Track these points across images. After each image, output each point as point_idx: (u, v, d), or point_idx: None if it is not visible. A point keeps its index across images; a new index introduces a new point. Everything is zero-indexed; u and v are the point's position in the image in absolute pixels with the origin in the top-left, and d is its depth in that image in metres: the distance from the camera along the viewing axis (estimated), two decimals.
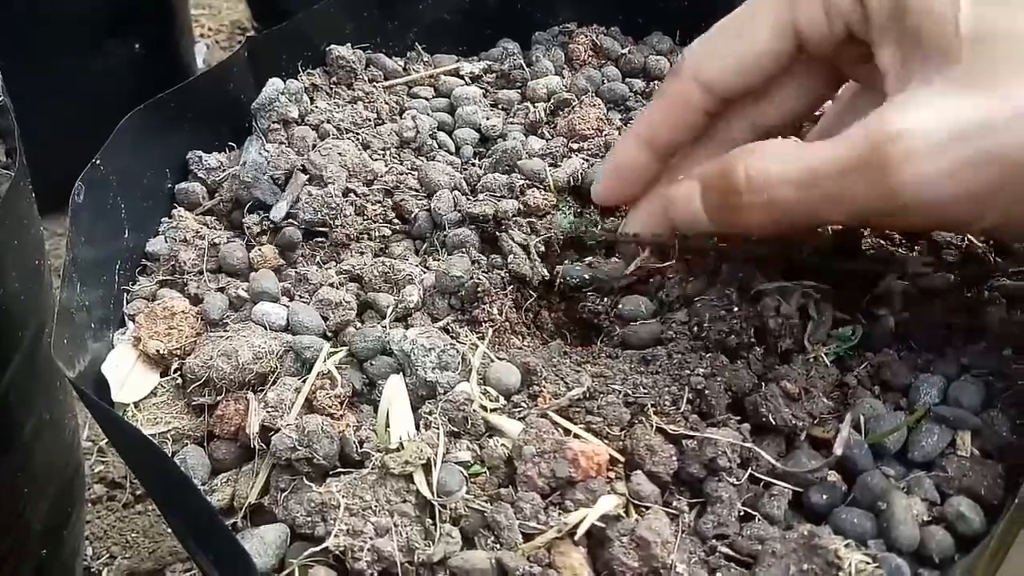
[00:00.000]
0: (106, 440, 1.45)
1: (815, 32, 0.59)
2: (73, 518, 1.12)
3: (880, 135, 0.51)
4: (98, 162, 0.67)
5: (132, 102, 0.69)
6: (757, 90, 0.64)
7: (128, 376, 0.62)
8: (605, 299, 0.69)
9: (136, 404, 0.61)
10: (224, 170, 0.78)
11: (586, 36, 0.92)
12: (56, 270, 0.69)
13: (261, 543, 0.53)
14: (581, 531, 0.51)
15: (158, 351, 0.63)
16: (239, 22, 2.37)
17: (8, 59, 0.97)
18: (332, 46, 0.86)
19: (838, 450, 0.53)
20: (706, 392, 0.58)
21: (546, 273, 0.70)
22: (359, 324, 0.66)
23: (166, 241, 0.72)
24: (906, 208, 0.51)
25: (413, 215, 0.75)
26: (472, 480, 0.55)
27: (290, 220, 0.73)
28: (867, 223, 0.67)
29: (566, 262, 0.72)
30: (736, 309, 0.61)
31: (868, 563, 0.49)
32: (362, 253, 0.73)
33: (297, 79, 0.83)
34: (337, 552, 0.51)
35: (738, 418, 0.58)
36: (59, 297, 0.58)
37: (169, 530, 1.35)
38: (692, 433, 0.56)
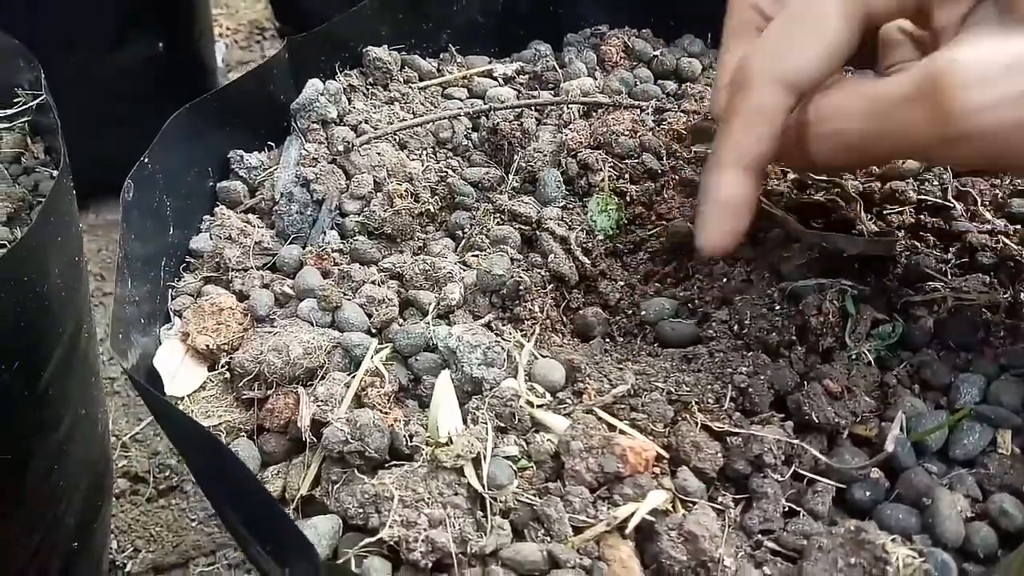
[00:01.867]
0: (129, 435, 1.47)
1: (885, 11, 0.59)
2: (102, 512, 1.13)
3: (936, 65, 0.51)
4: (146, 160, 0.68)
5: (152, 99, 0.70)
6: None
7: (178, 370, 0.63)
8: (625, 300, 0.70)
9: (187, 398, 0.62)
10: (265, 169, 0.79)
11: (618, 38, 0.93)
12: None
13: (315, 534, 0.54)
14: (632, 525, 0.52)
15: (207, 346, 0.64)
16: (258, 22, 2.38)
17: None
18: (369, 47, 0.88)
19: (889, 447, 0.54)
20: (750, 390, 0.59)
21: (590, 268, 0.71)
22: (402, 321, 0.67)
23: (211, 238, 0.73)
24: (966, 138, 0.51)
25: (452, 214, 0.76)
26: (520, 474, 0.56)
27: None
28: (930, 160, 0.66)
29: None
30: (777, 307, 0.62)
31: (915, 558, 0.50)
32: (401, 252, 0.75)
33: (335, 80, 0.85)
34: (392, 543, 0.52)
35: (781, 416, 0.59)
36: (115, 292, 0.59)
37: (193, 524, 1.37)
38: (737, 430, 0.57)
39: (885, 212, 0.78)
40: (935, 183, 0.80)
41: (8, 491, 0.83)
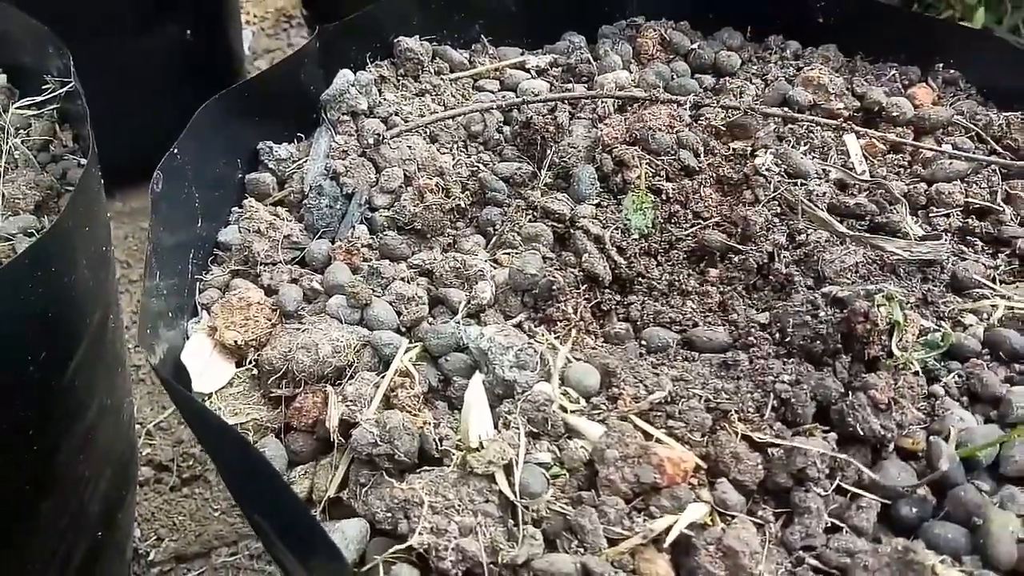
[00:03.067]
0: (154, 423, 1.47)
1: None
2: (127, 501, 1.13)
3: None
4: (175, 151, 0.67)
5: (179, 87, 0.69)
6: None
7: (206, 366, 0.62)
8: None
9: (215, 394, 0.61)
10: (294, 161, 0.78)
11: (654, 30, 0.91)
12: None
13: (342, 537, 0.52)
14: (670, 538, 0.50)
15: (235, 341, 0.63)
16: (284, 9, 2.37)
17: None
18: (400, 38, 0.86)
19: (943, 465, 0.52)
20: (792, 400, 0.57)
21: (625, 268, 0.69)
22: (432, 320, 0.66)
23: (239, 231, 0.72)
24: None
25: (482, 210, 0.75)
26: (552, 482, 0.55)
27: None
28: None
29: None
30: (821, 314, 0.60)
31: None
32: (431, 248, 0.73)
33: (366, 71, 0.83)
34: (421, 550, 0.51)
35: (825, 428, 0.57)
36: (143, 285, 0.58)
37: (216, 513, 1.37)
38: (779, 441, 0.55)
39: (931, 215, 0.75)
40: (983, 185, 0.77)
41: (36, 479, 0.83)
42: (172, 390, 0.52)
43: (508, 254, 0.71)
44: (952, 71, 0.89)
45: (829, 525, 0.54)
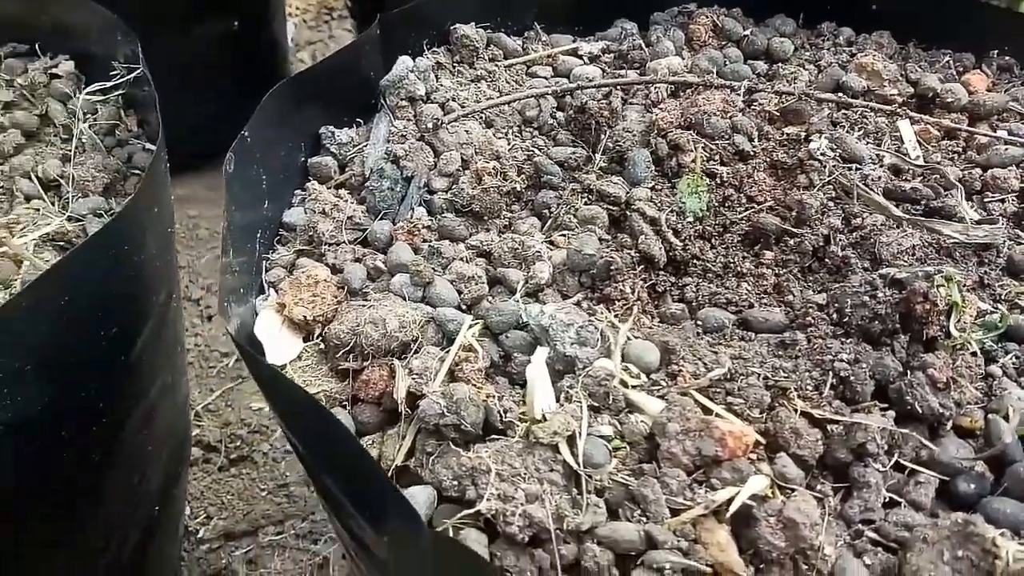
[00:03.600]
0: (202, 405, 1.51)
1: None
2: (181, 479, 1.16)
3: None
4: (246, 133, 0.69)
5: (225, 77, 0.71)
6: None
7: (277, 340, 0.64)
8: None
9: (287, 366, 0.63)
10: (354, 145, 0.80)
11: (707, 16, 0.92)
12: None
13: (412, 503, 0.54)
14: (733, 508, 0.52)
15: (304, 317, 0.65)
16: (327, 2, 2.40)
17: None
18: (456, 25, 0.88)
19: (1007, 438, 0.52)
20: (851, 379, 0.58)
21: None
22: (491, 299, 0.68)
23: (304, 212, 0.74)
24: None
25: (538, 193, 0.76)
26: (613, 454, 0.56)
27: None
28: None
29: None
30: (880, 295, 0.61)
31: None
32: (488, 230, 0.75)
33: (423, 57, 0.85)
34: (488, 515, 0.52)
35: (883, 406, 0.58)
36: (220, 262, 0.60)
37: (263, 493, 1.40)
38: (839, 417, 0.56)
39: (986, 200, 0.76)
40: None
41: (103, 452, 0.86)
42: (250, 358, 0.55)
43: (564, 236, 0.73)
44: (1007, 57, 0.89)
45: (888, 500, 0.55)
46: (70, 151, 0.89)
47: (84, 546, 0.92)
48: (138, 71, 0.88)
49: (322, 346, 0.66)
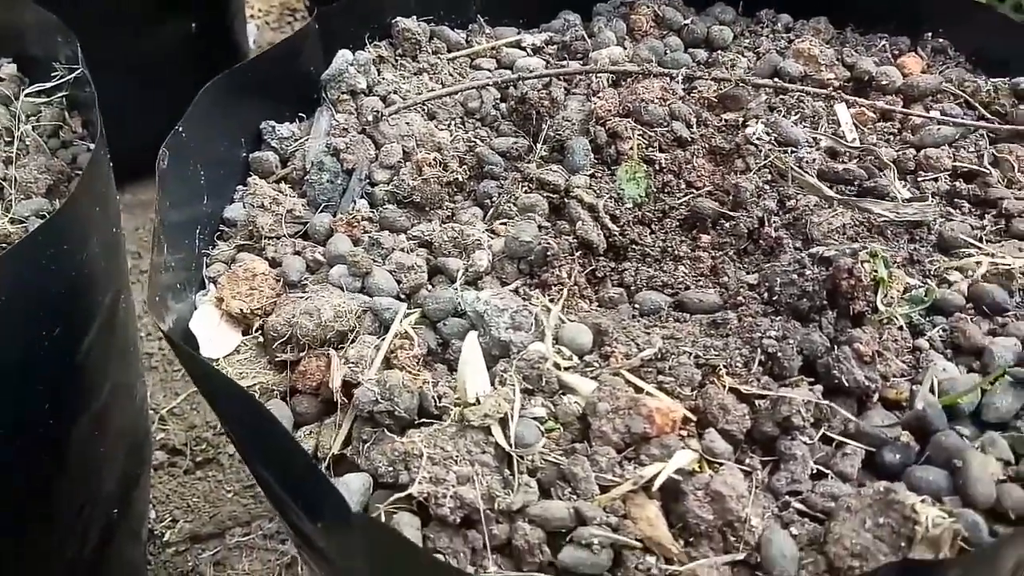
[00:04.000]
0: (167, 409, 1.50)
1: None
2: (141, 481, 1.16)
3: None
4: (180, 129, 0.69)
5: (185, 79, 0.71)
6: None
7: (213, 334, 0.64)
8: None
9: (222, 360, 0.63)
10: (296, 139, 0.80)
11: (648, 7, 0.93)
12: None
13: (346, 490, 0.55)
14: (658, 483, 0.52)
15: (241, 310, 0.65)
16: (288, 3, 2.39)
17: None
18: (398, 18, 0.88)
19: (919, 404, 0.54)
20: (778, 355, 0.59)
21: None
22: (430, 287, 0.68)
23: (244, 207, 0.75)
24: None
25: (480, 183, 0.77)
26: (546, 435, 0.57)
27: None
28: None
29: None
30: (808, 272, 0.62)
31: (944, 518, 0.50)
32: (430, 220, 0.75)
33: (364, 51, 0.85)
34: (420, 499, 0.53)
35: (811, 380, 0.59)
36: (151, 258, 0.60)
37: (229, 495, 1.40)
38: (766, 392, 0.57)
39: (920, 179, 0.77)
40: (971, 149, 0.79)
41: (54, 455, 0.86)
42: (182, 352, 0.55)
43: (504, 224, 0.73)
44: (941, 40, 0.91)
45: (815, 472, 0.56)
46: (12, 153, 0.88)
47: (38, 549, 0.91)
48: (78, 71, 0.87)
49: (261, 339, 0.66)
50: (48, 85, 0.89)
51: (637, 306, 0.67)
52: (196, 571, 1.31)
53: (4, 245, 0.83)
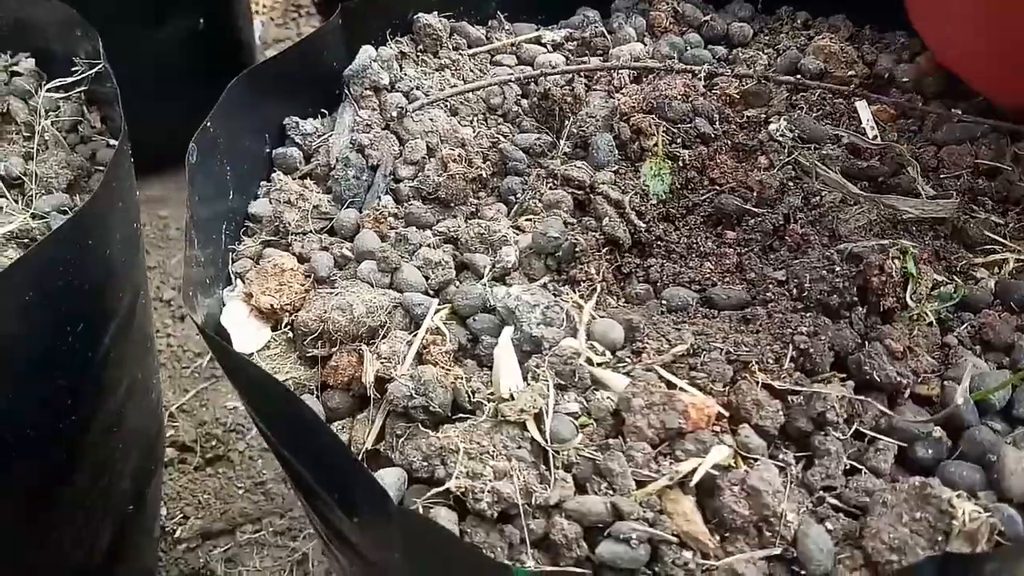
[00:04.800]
0: (176, 406, 1.50)
1: None
2: (155, 477, 1.16)
3: None
4: (208, 125, 0.69)
5: (191, 77, 0.71)
6: None
7: (244, 329, 0.64)
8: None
9: (254, 355, 0.63)
10: (319, 135, 0.80)
11: (667, 3, 0.93)
12: None
13: (381, 484, 0.55)
14: (696, 478, 0.53)
15: (271, 305, 0.65)
16: None
17: None
18: (419, 14, 0.88)
19: (959, 399, 0.54)
20: (810, 351, 0.59)
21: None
22: (458, 283, 0.68)
23: (270, 203, 0.75)
24: None
25: (503, 179, 0.77)
26: (580, 431, 0.57)
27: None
28: None
29: None
30: (837, 269, 0.62)
31: (980, 512, 0.50)
32: (455, 216, 0.75)
33: (387, 47, 0.85)
34: (458, 493, 0.53)
35: (842, 376, 0.59)
36: (184, 253, 0.60)
37: (240, 492, 1.40)
38: (799, 388, 0.57)
39: (942, 176, 0.77)
40: (992, 147, 0.79)
41: (71, 450, 0.86)
42: (217, 347, 0.55)
43: (530, 220, 0.73)
44: None
45: (848, 467, 0.56)
46: (33, 149, 0.88)
47: (53, 546, 0.91)
48: (99, 67, 0.87)
49: (290, 335, 0.66)
50: (69, 80, 0.89)
51: (664, 302, 0.68)
52: (207, 568, 1.31)
53: (26, 240, 0.83)
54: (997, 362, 0.60)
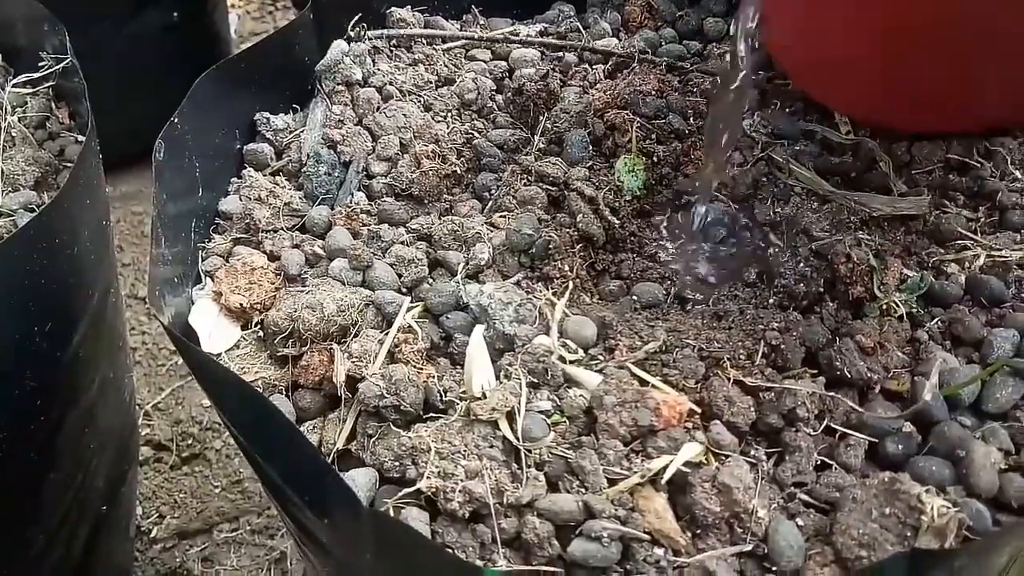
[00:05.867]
0: (151, 404, 1.48)
1: None
2: (129, 477, 1.14)
3: None
4: (176, 121, 0.68)
5: (167, 71, 0.70)
6: None
7: (213, 329, 0.63)
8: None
9: (223, 355, 0.62)
10: (291, 131, 0.79)
11: None
12: None
13: (353, 486, 0.54)
14: (667, 476, 0.53)
15: (240, 304, 0.64)
16: None
17: None
18: (392, 8, 0.87)
19: (927, 395, 0.54)
20: (781, 346, 0.59)
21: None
22: (431, 281, 0.68)
23: (240, 200, 0.74)
24: None
25: (478, 176, 0.76)
26: (553, 428, 0.57)
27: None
28: None
29: None
30: (807, 261, 0.62)
31: (949, 508, 0.50)
32: (428, 213, 0.75)
33: (360, 41, 0.84)
34: (429, 493, 0.53)
35: (813, 372, 0.59)
36: (150, 252, 0.59)
37: (216, 490, 1.38)
38: (770, 384, 0.57)
39: (914, 172, 0.78)
40: (960, 143, 0.79)
41: (43, 450, 0.85)
42: (184, 347, 0.54)
43: (504, 217, 0.73)
44: None
45: (819, 463, 0.56)
46: None
47: (26, 547, 0.90)
48: (66, 62, 0.86)
49: (260, 334, 0.65)
50: (36, 76, 0.87)
51: (636, 298, 0.67)
52: (184, 567, 1.30)
53: None
54: (967, 357, 0.61)
